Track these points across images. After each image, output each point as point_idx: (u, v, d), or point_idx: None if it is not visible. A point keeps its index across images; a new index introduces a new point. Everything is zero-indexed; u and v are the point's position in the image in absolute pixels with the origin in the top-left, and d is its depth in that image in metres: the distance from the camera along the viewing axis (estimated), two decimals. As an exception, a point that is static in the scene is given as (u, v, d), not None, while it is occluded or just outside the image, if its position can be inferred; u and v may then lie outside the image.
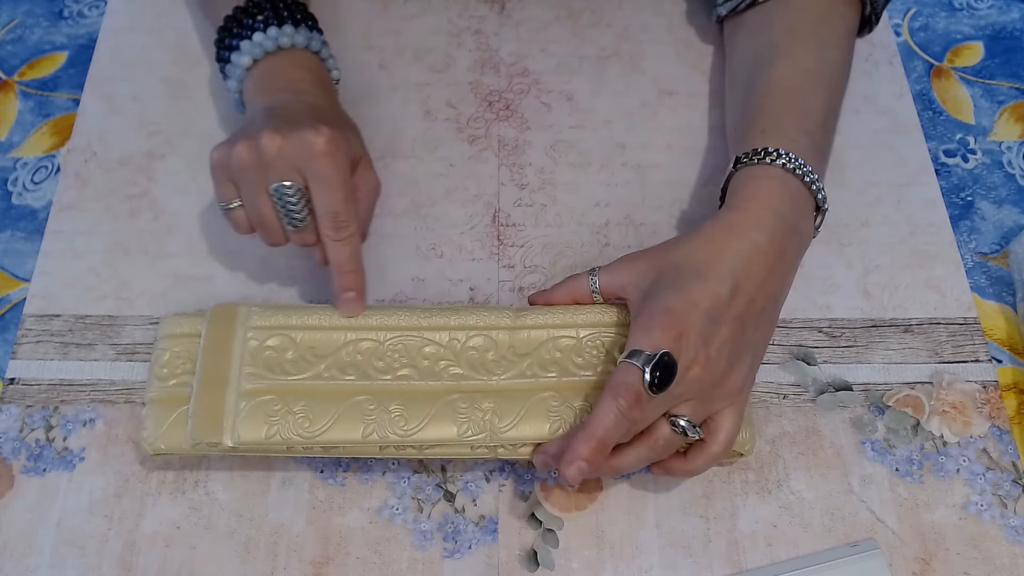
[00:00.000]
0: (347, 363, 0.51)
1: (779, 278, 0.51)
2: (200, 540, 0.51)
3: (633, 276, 0.51)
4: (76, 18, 0.74)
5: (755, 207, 0.50)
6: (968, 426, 0.55)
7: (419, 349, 0.51)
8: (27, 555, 0.51)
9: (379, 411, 0.49)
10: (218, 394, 0.50)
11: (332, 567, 0.50)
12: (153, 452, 0.50)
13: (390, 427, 0.49)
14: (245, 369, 0.50)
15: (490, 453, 0.50)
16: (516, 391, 0.50)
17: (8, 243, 0.63)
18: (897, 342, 0.58)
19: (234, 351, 0.51)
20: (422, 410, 0.49)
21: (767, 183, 0.51)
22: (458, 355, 0.51)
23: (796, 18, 0.59)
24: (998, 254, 0.62)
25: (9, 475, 0.53)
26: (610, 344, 0.51)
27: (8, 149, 0.67)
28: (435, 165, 0.65)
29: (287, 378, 0.50)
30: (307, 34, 0.57)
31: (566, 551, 0.51)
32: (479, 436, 0.49)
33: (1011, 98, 0.70)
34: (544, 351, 0.51)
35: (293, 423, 0.49)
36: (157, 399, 0.51)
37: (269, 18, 0.56)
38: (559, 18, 0.72)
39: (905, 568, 0.51)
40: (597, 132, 0.66)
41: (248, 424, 0.49)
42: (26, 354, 0.57)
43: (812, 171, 0.52)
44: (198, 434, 0.49)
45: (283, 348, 0.51)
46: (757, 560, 0.51)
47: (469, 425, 0.49)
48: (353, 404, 0.49)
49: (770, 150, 0.52)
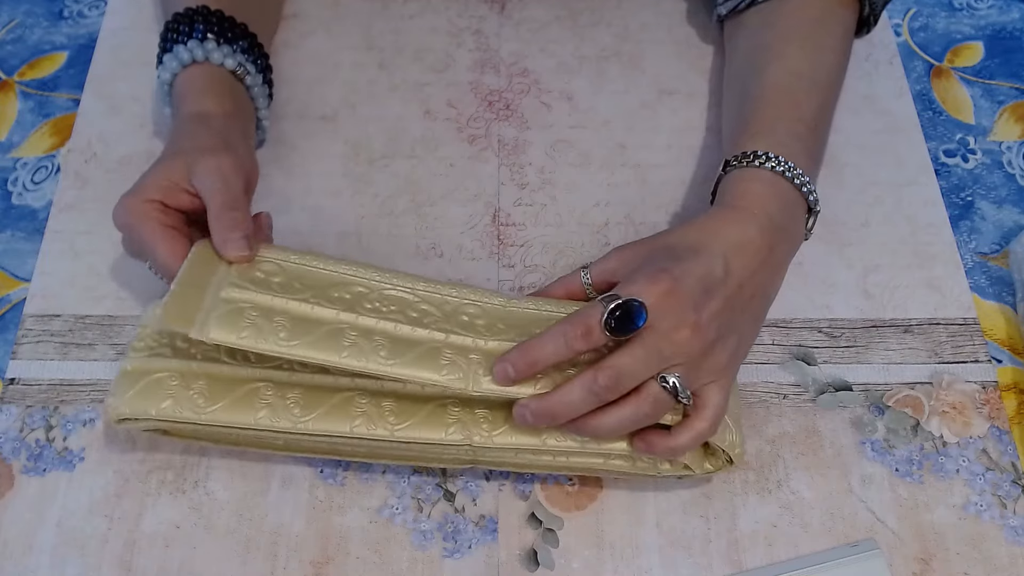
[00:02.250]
0: (335, 297, 0.49)
1: (769, 273, 0.51)
2: (200, 540, 0.51)
3: (622, 262, 0.51)
4: (76, 18, 0.74)
5: (745, 205, 0.51)
6: (968, 426, 0.55)
7: (411, 303, 0.50)
8: (27, 555, 0.51)
9: (361, 339, 0.47)
10: (196, 293, 0.48)
11: (332, 567, 0.50)
12: (116, 417, 0.48)
13: (371, 355, 0.47)
14: (230, 278, 0.49)
15: (464, 441, 0.48)
16: (504, 352, 0.48)
17: (8, 243, 0.63)
18: (897, 342, 0.58)
19: (221, 264, 0.50)
20: (406, 349, 0.47)
21: (757, 185, 0.52)
22: (449, 317, 0.50)
23: (793, 20, 0.59)
24: (998, 254, 0.62)
25: (9, 475, 0.53)
26: None
27: (8, 149, 0.67)
28: (435, 165, 0.65)
29: (272, 294, 0.48)
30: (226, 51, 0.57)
31: (566, 551, 0.51)
32: (459, 382, 0.47)
33: (1011, 98, 0.70)
34: (534, 326, 0.50)
35: (269, 330, 0.47)
36: (129, 370, 0.49)
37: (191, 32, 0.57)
38: (559, 18, 0.72)
39: (905, 568, 0.51)
40: (597, 132, 0.66)
41: (221, 322, 0.47)
42: (26, 354, 0.57)
43: (803, 174, 0.52)
44: (166, 321, 0.46)
45: (272, 273, 0.50)
46: (757, 560, 0.51)
47: (451, 369, 0.47)
48: (336, 328, 0.48)
49: (759, 153, 0.52)
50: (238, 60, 0.58)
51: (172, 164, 0.52)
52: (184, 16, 0.58)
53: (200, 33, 0.57)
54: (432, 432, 0.48)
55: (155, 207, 0.50)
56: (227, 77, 0.58)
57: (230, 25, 0.58)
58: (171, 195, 0.51)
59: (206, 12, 0.58)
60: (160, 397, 0.48)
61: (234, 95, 0.58)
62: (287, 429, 0.48)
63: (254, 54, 0.60)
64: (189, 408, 0.48)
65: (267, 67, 0.61)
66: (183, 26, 0.57)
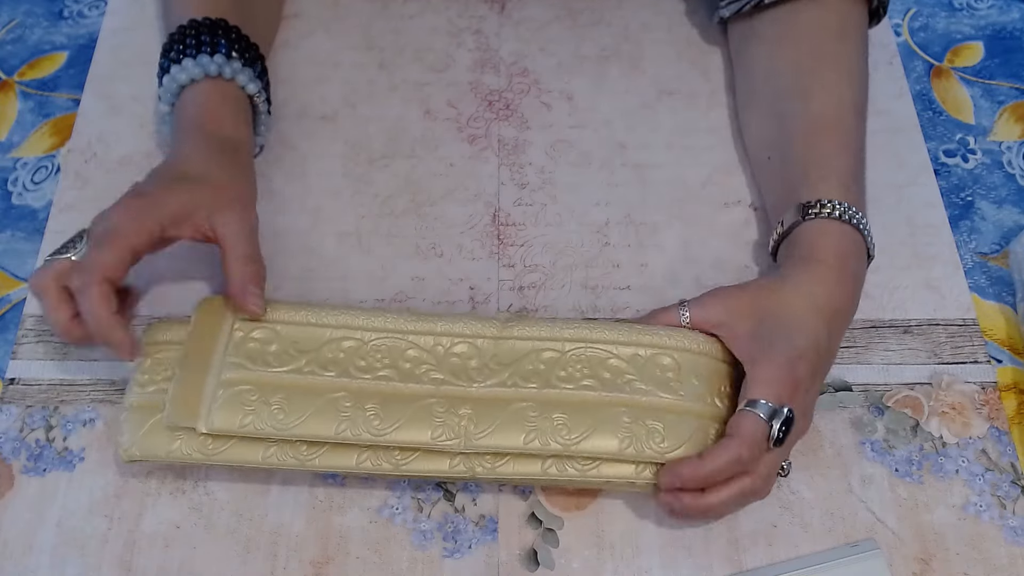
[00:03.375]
0: (328, 360, 0.51)
1: (843, 333, 0.53)
2: (200, 540, 0.51)
3: (727, 316, 0.51)
4: (76, 18, 0.74)
5: (835, 263, 0.52)
6: (967, 427, 0.55)
7: (402, 352, 0.51)
8: (27, 555, 0.51)
9: (355, 409, 0.49)
10: (199, 380, 0.50)
11: (332, 567, 0.51)
12: (128, 459, 0.50)
13: (364, 425, 0.48)
14: (228, 358, 0.50)
15: (468, 472, 0.49)
16: (495, 399, 0.50)
17: (8, 243, 0.63)
18: (897, 343, 0.58)
19: (219, 340, 0.51)
20: (398, 411, 0.49)
21: (840, 241, 0.52)
22: (440, 361, 0.51)
23: (817, 34, 0.59)
24: (998, 254, 0.62)
25: (9, 475, 0.53)
26: (594, 359, 0.51)
27: (8, 149, 0.67)
28: (435, 165, 0.65)
29: (267, 370, 0.50)
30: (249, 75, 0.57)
31: (566, 551, 0.51)
32: (453, 441, 0.48)
33: (1011, 98, 0.70)
34: (527, 362, 0.51)
35: (268, 414, 0.48)
36: (136, 405, 0.51)
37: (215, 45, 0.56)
38: (559, 18, 0.72)
39: (905, 568, 0.51)
40: (597, 132, 0.66)
41: (223, 411, 0.49)
42: (26, 354, 0.57)
43: (868, 222, 0.54)
44: (174, 418, 0.49)
45: (267, 341, 0.51)
46: (757, 560, 0.51)
47: (444, 430, 0.48)
48: (330, 400, 0.49)
49: (837, 204, 0.53)
50: (258, 87, 0.58)
51: (196, 193, 0.51)
52: (205, 26, 0.57)
53: (225, 48, 0.56)
54: (436, 465, 0.49)
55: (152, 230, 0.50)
56: (243, 100, 0.58)
57: (248, 45, 0.58)
58: (177, 224, 0.51)
59: (227, 26, 0.58)
60: (170, 438, 0.49)
61: (248, 120, 0.58)
62: (295, 467, 0.50)
63: (265, 78, 0.60)
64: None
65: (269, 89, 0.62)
66: (205, 36, 0.56)
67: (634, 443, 0.48)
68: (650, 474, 0.48)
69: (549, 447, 0.48)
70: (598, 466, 0.49)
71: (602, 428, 0.48)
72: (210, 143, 0.54)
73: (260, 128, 0.61)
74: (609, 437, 0.48)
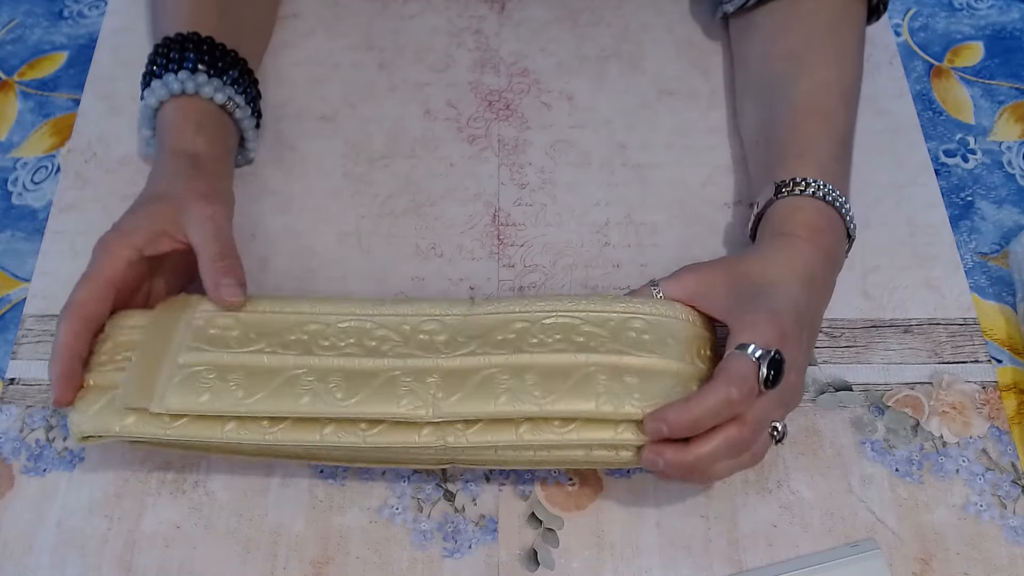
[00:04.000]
0: (291, 341, 0.49)
1: (824, 303, 0.53)
2: (200, 540, 0.51)
3: (703, 287, 0.51)
4: (76, 18, 0.74)
5: (807, 236, 0.51)
6: (968, 426, 0.55)
7: (368, 331, 0.50)
8: (27, 555, 0.51)
9: (317, 383, 0.47)
10: (154, 363, 0.48)
11: (332, 567, 0.50)
12: (80, 436, 0.48)
13: (326, 398, 0.46)
14: (186, 343, 0.49)
15: (439, 442, 0.46)
16: (464, 368, 0.48)
17: (8, 243, 0.63)
18: (897, 342, 0.58)
19: (178, 328, 0.50)
20: (362, 383, 0.47)
21: (813, 216, 0.52)
22: (408, 338, 0.49)
23: (811, 23, 0.60)
24: (998, 254, 0.62)
25: (9, 475, 0.53)
26: (567, 325, 0.49)
27: (8, 149, 0.67)
28: (435, 165, 0.65)
29: (226, 351, 0.49)
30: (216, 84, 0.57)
31: (566, 551, 0.51)
32: (421, 410, 0.46)
33: (1011, 98, 0.70)
34: (497, 333, 0.49)
35: (226, 392, 0.47)
36: (91, 384, 0.49)
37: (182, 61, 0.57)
38: (559, 18, 0.72)
39: (905, 568, 0.51)
40: (597, 132, 0.66)
41: (179, 391, 0.47)
42: (26, 354, 0.57)
43: (846, 201, 0.53)
44: (127, 399, 0.47)
45: (228, 327, 0.50)
46: (757, 560, 0.51)
47: (411, 398, 0.46)
48: (291, 376, 0.48)
49: (810, 181, 0.53)
50: (228, 94, 0.58)
51: (162, 210, 0.53)
52: (175, 42, 0.58)
53: (191, 63, 0.57)
54: (405, 436, 0.47)
55: (132, 255, 0.51)
56: (216, 111, 0.58)
57: (221, 54, 0.58)
58: (154, 242, 0.52)
59: (197, 39, 0.58)
60: (123, 414, 0.48)
61: (223, 131, 0.59)
62: (257, 441, 0.48)
63: (244, 83, 0.60)
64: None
65: (256, 95, 0.62)
66: (174, 53, 0.57)
67: (611, 400, 0.46)
68: (631, 435, 0.46)
69: (523, 408, 0.46)
70: (576, 428, 0.46)
71: (577, 388, 0.46)
72: (174, 159, 0.55)
73: (248, 133, 0.61)
74: (585, 396, 0.46)
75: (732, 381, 0.44)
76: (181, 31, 0.58)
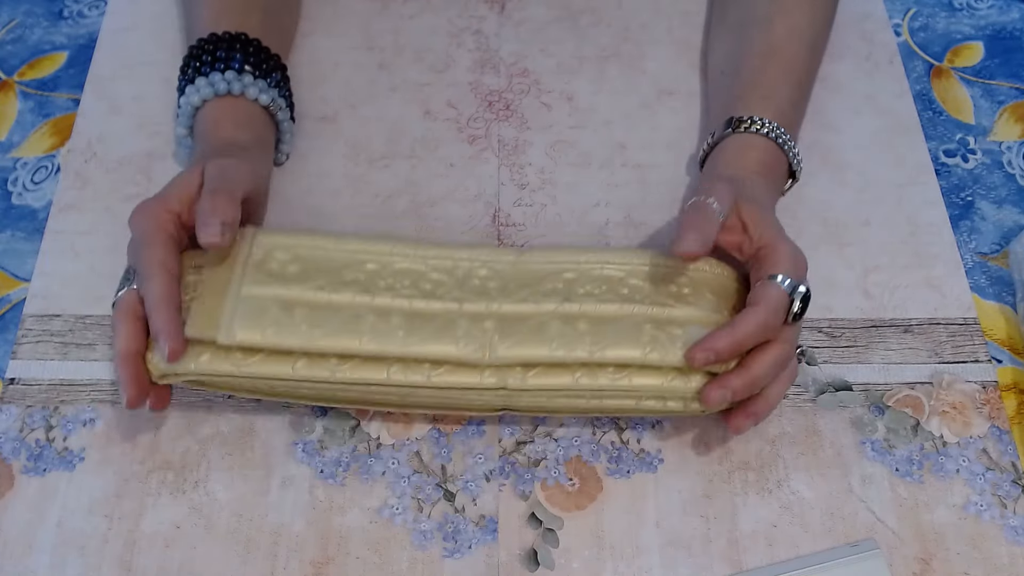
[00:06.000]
0: (351, 280, 0.51)
1: None
2: (200, 540, 0.51)
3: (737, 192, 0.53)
4: (76, 18, 0.74)
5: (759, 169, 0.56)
6: (968, 426, 0.55)
7: (423, 274, 0.51)
8: (27, 555, 0.51)
9: (379, 322, 0.49)
10: (218, 297, 0.49)
11: (332, 567, 0.51)
12: (158, 374, 0.49)
13: (390, 337, 0.48)
14: (248, 276, 0.50)
15: (500, 383, 0.49)
16: (518, 315, 0.50)
17: (8, 243, 0.63)
18: (897, 342, 0.58)
19: (238, 261, 0.51)
20: (422, 325, 0.49)
21: (764, 156, 0.56)
22: (461, 283, 0.51)
23: None
24: (998, 254, 0.62)
25: (9, 475, 0.53)
26: (612, 277, 0.52)
27: (8, 149, 0.67)
28: (435, 165, 0.65)
29: (288, 287, 0.50)
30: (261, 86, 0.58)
31: (566, 551, 0.51)
32: (478, 353, 0.48)
33: (1011, 98, 0.70)
34: (548, 282, 0.51)
35: (292, 326, 0.48)
36: None
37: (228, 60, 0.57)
38: (559, 18, 0.72)
39: (905, 568, 0.51)
40: (597, 132, 0.67)
41: (245, 323, 0.48)
42: (26, 354, 0.57)
43: (795, 144, 0.58)
44: (193, 329, 0.48)
45: (287, 262, 0.51)
46: (757, 560, 0.51)
47: (468, 341, 0.49)
48: (353, 315, 0.49)
49: (766, 122, 0.56)
50: (272, 96, 0.58)
51: (192, 172, 0.53)
52: (223, 40, 0.58)
53: (238, 63, 0.57)
54: (468, 377, 0.49)
55: (172, 220, 0.51)
56: (258, 112, 0.58)
57: (266, 56, 0.59)
58: (190, 206, 0.51)
59: (245, 40, 0.58)
60: (198, 352, 0.49)
61: (265, 131, 0.59)
62: (327, 379, 0.49)
63: (285, 87, 0.60)
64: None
65: (292, 98, 0.62)
66: (220, 52, 0.57)
67: (657, 349, 0.48)
68: (680, 384, 0.49)
69: (576, 355, 0.49)
70: (628, 375, 0.49)
71: (625, 336, 0.49)
72: (223, 145, 0.56)
73: (285, 135, 0.62)
74: (633, 344, 0.49)
75: (768, 307, 0.48)
76: (229, 30, 0.58)
